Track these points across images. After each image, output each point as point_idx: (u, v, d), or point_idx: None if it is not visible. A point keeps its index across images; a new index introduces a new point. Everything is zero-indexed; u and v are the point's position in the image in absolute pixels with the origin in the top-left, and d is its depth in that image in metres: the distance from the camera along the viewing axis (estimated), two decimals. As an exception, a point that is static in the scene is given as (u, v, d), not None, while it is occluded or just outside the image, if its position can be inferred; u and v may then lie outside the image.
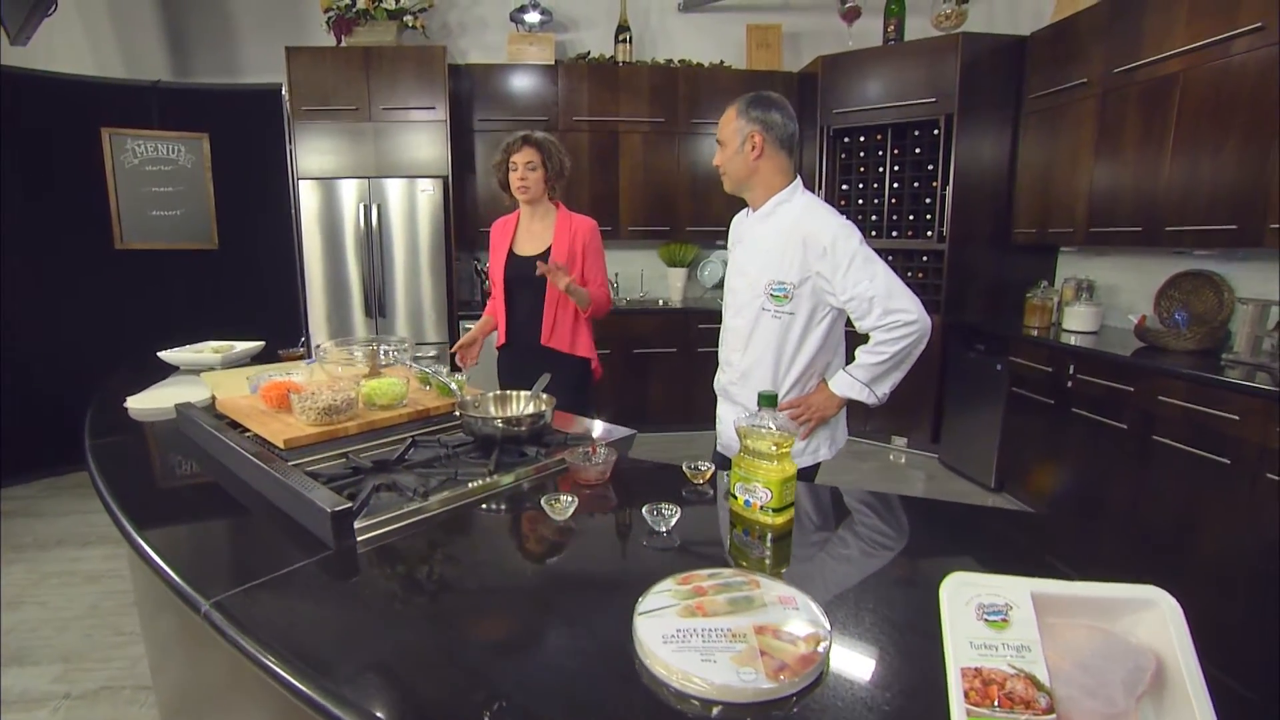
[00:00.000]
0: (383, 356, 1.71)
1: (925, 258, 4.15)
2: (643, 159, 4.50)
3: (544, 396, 1.49)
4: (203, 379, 2.06)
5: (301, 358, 2.38)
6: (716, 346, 1.89)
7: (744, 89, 4.52)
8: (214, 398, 1.83)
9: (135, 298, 3.96)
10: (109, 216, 3.87)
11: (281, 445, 1.27)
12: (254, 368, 2.23)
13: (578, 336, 2.32)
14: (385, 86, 3.95)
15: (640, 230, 4.61)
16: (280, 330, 4.21)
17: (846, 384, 1.62)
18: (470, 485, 1.20)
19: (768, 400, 1.18)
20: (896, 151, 4.16)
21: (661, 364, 4.50)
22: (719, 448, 1.90)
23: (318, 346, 1.70)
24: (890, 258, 4.26)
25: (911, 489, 3.85)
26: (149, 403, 1.78)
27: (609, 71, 4.39)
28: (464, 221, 4.34)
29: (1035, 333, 3.50)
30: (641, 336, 4.45)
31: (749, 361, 1.71)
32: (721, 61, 4.63)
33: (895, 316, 1.53)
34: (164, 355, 2.28)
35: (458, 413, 1.41)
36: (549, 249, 2.25)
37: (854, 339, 1.66)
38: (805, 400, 1.68)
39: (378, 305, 4.04)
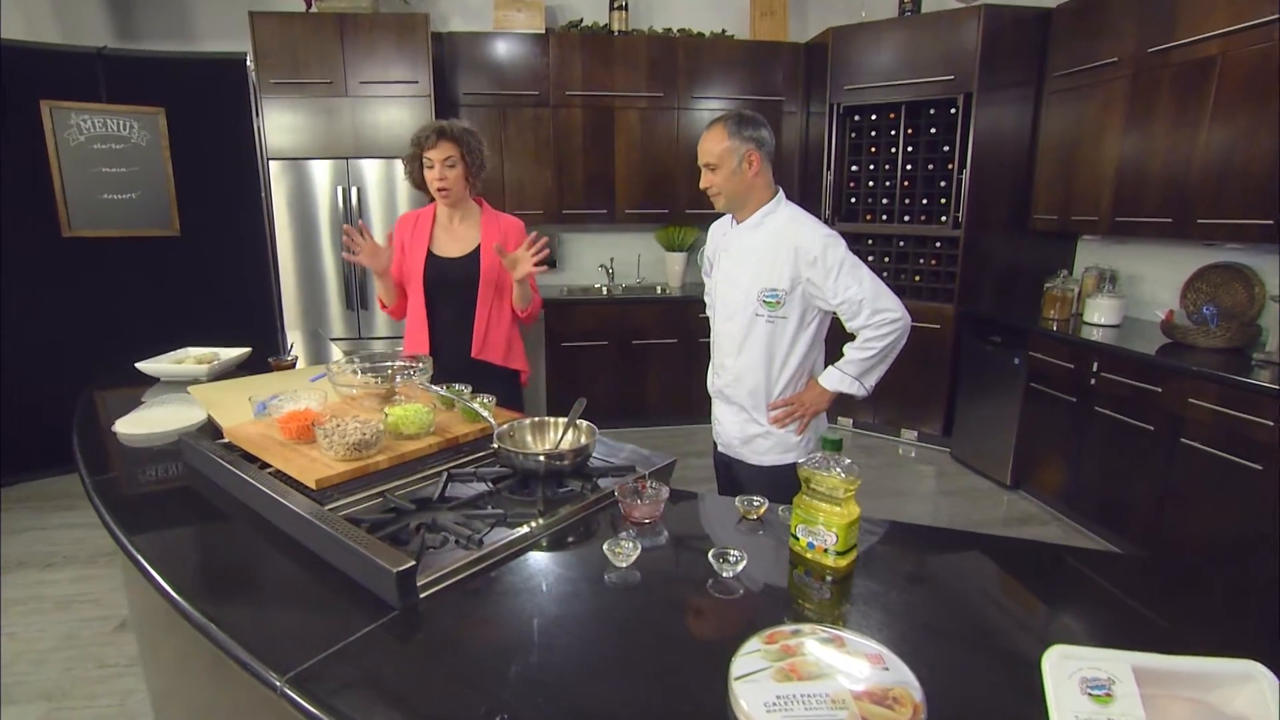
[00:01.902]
0: (399, 377, 1.70)
1: (938, 244, 4.21)
2: (640, 136, 4.47)
3: (582, 425, 1.50)
4: (192, 395, 2.03)
5: (292, 366, 2.35)
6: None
7: (748, 61, 4.55)
8: (209, 417, 1.81)
9: (87, 291, 3.85)
10: (54, 201, 3.74)
11: (313, 486, 1.26)
12: (245, 379, 2.20)
13: (513, 346, 2.25)
14: (362, 57, 3.84)
15: (637, 213, 4.59)
16: (253, 325, 4.15)
17: (837, 378, 1.85)
18: (522, 530, 1.21)
19: (832, 445, 1.20)
20: (910, 131, 4.18)
21: (661, 355, 4.52)
22: (720, 448, 2.07)
23: (330, 366, 1.68)
24: (901, 244, 4.33)
25: (922, 484, 3.95)
26: (141, 427, 1.75)
27: (604, 41, 4.33)
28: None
29: (1055, 325, 3.58)
30: (640, 327, 4.46)
31: (743, 365, 1.89)
32: (723, 31, 4.59)
33: (882, 315, 1.77)
34: (143, 367, 2.23)
35: (495, 444, 1.42)
36: (476, 249, 2.16)
37: (836, 339, 1.86)
38: (798, 398, 1.89)
39: (358, 297, 3.98)
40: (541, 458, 1.36)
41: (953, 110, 3.95)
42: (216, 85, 3.94)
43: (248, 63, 3.89)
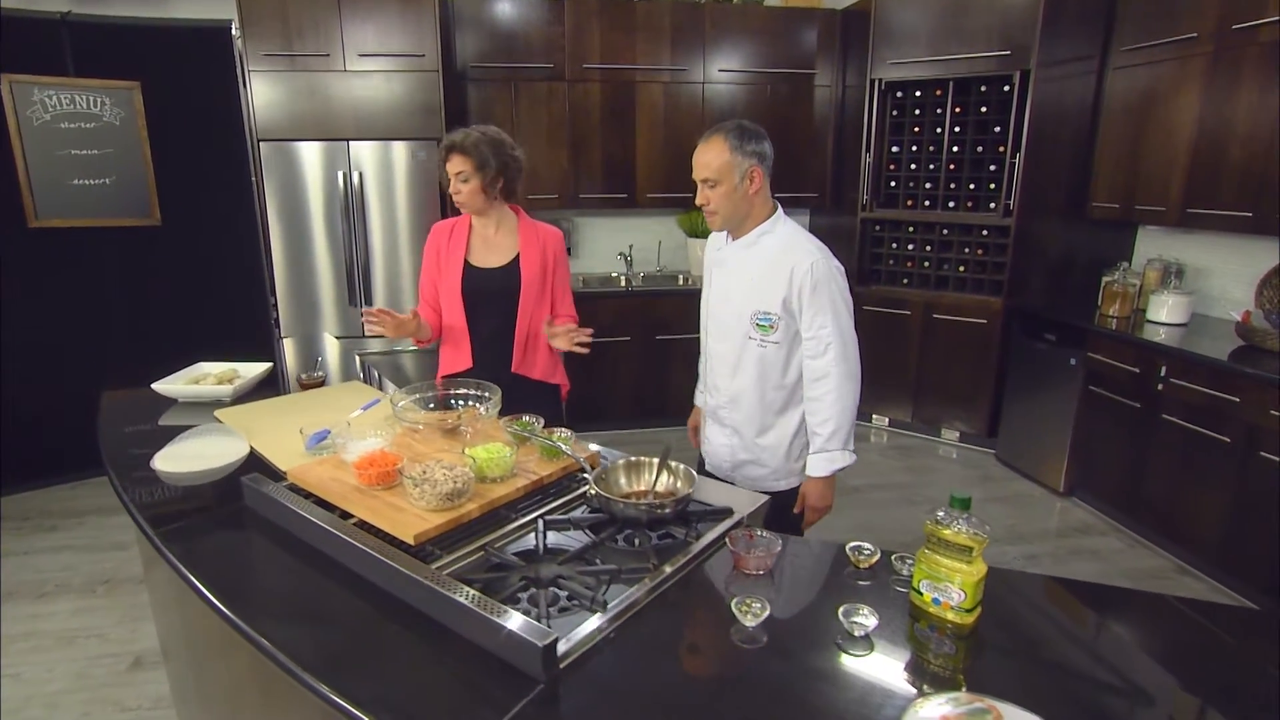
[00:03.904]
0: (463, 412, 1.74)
1: (985, 232, 4.27)
2: (662, 115, 4.48)
3: (679, 468, 1.56)
4: (224, 422, 2.05)
5: (322, 383, 2.38)
6: None
7: (779, 29, 4.56)
8: (252, 450, 1.84)
9: (57, 287, 3.81)
10: (17, 187, 3.68)
11: (412, 541, 1.31)
12: (275, 401, 2.23)
13: (553, 360, 2.40)
14: (362, 26, 3.80)
15: (658, 197, 4.62)
16: (244, 325, 4.14)
17: (828, 460, 1.91)
18: (639, 587, 1.26)
19: (960, 503, 1.27)
20: (958, 110, 4.22)
21: (685, 351, 4.55)
22: (709, 467, 2.17)
23: (393, 398, 1.72)
24: (945, 232, 4.39)
25: (967, 489, 3.96)
26: (184, 464, 1.77)
27: (624, 8, 4.31)
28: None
29: (1115, 323, 3.67)
30: (663, 320, 4.51)
31: (738, 388, 1.99)
32: (753, -5, 4.59)
33: (842, 366, 1.86)
34: (160, 388, 2.24)
35: (592, 490, 1.47)
36: (515, 260, 2.29)
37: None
38: (810, 505, 1.97)
39: (362, 293, 3.99)
40: (644, 506, 1.42)
41: (1006, 88, 3.99)
42: (199, 57, 3.88)
43: (233, 31, 3.84)
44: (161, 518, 1.54)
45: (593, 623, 1.16)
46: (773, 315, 1.87)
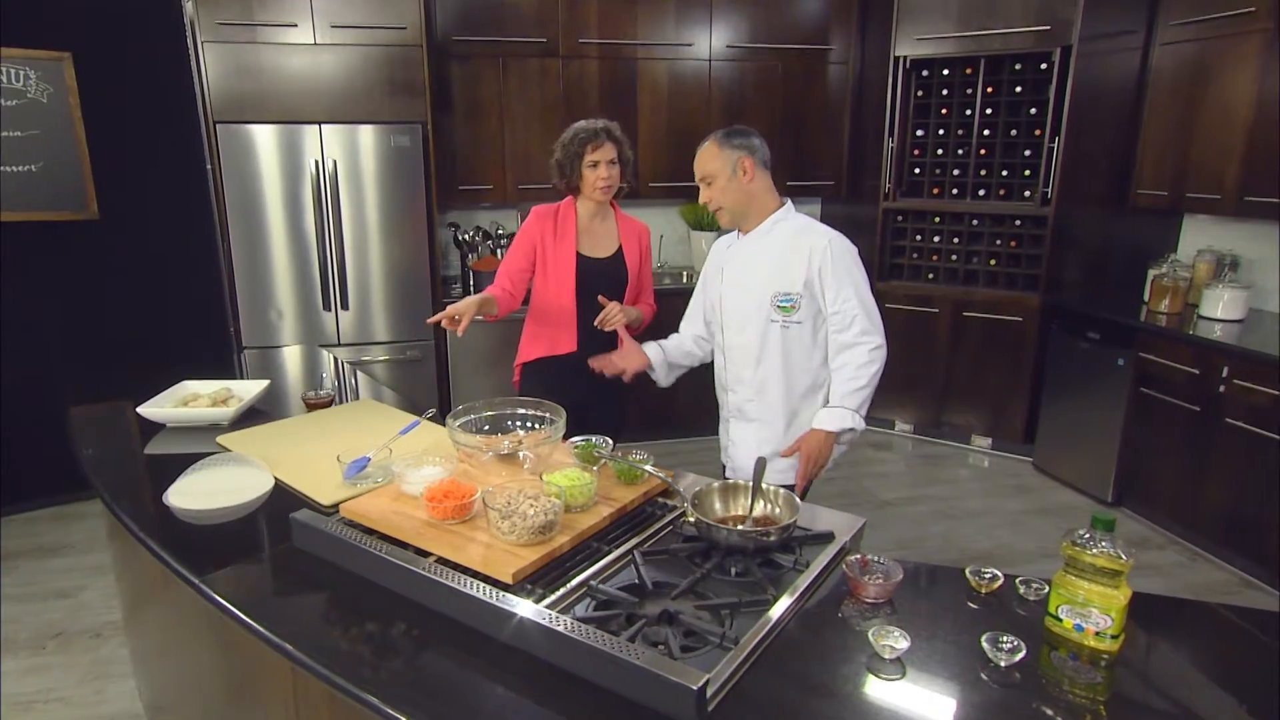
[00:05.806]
0: (524, 434, 1.77)
1: (1019, 222, 4.42)
2: (666, 96, 4.56)
3: (778, 493, 1.61)
4: (232, 449, 2.04)
5: (330, 402, 2.38)
6: None
7: (790, 4, 4.55)
8: (277, 481, 1.84)
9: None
10: (-73, 176, 3.59)
11: (510, 580, 1.33)
12: (282, 423, 2.23)
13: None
14: (334, -5, 3.80)
15: (661, 186, 4.68)
16: (201, 333, 4.07)
17: (839, 416, 2.10)
18: (762, 620, 1.31)
19: (1104, 524, 1.35)
20: (990, 90, 4.36)
21: (692, 358, 4.63)
22: (729, 472, 2.37)
23: (448, 420, 1.74)
24: (975, 222, 4.54)
25: (1006, 501, 4.16)
26: (205, 500, 1.75)
27: (624, -27, 4.38)
28: (442, 179, 4.26)
29: (1164, 319, 3.83)
30: (670, 323, 4.52)
31: (762, 376, 2.20)
32: (764, -37, 4.69)
33: (872, 338, 2.10)
34: (147, 412, 2.21)
35: (691, 517, 1.51)
36: (618, 252, 2.66)
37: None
38: (805, 454, 2.12)
39: (338, 295, 3.96)
40: (751, 534, 1.47)
41: (1044, 66, 4.13)
42: (142, 25, 3.81)
43: (183, -2, 3.79)
44: (198, 562, 1.53)
45: (729, 661, 1.20)
46: (794, 295, 2.10)
